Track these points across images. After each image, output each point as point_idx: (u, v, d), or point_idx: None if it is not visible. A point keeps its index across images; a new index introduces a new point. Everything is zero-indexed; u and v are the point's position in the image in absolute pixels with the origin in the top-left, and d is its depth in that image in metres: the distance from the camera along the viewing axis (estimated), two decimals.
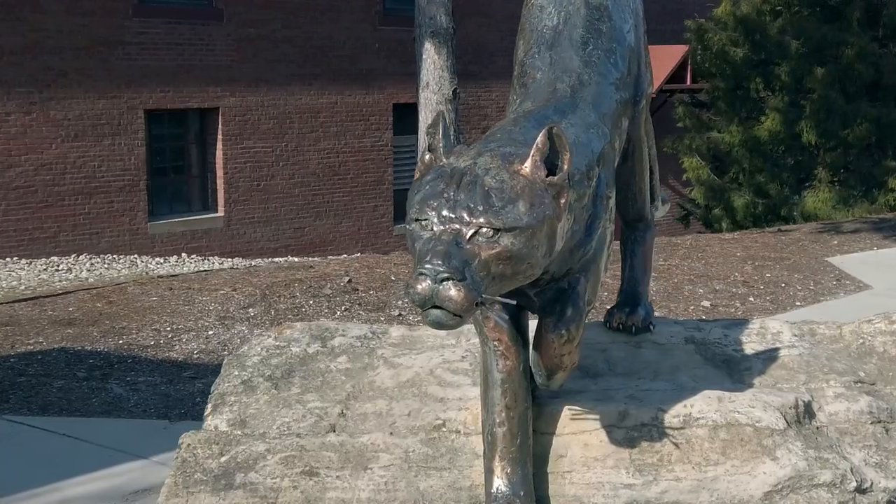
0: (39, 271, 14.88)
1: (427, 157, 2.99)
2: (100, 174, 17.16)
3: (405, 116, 19.48)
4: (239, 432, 3.58)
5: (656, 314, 4.19)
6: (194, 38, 18.03)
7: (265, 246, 18.66)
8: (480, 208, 2.79)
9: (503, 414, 3.35)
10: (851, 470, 3.50)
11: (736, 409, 3.52)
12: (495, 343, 3.32)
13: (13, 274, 14.44)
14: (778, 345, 3.99)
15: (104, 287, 10.39)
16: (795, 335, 4.07)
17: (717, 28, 19.79)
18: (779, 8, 19.77)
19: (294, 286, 9.80)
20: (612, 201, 3.36)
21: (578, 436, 3.49)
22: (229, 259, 16.95)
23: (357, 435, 3.52)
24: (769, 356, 3.92)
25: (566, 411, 3.52)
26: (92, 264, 15.88)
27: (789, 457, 3.44)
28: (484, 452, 3.40)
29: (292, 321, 8.45)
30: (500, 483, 3.35)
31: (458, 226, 2.78)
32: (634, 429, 3.48)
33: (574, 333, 3.22)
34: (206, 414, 3.69)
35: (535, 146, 2.89)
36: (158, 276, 11.43)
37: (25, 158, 16.42)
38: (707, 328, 4.05)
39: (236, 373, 3.81)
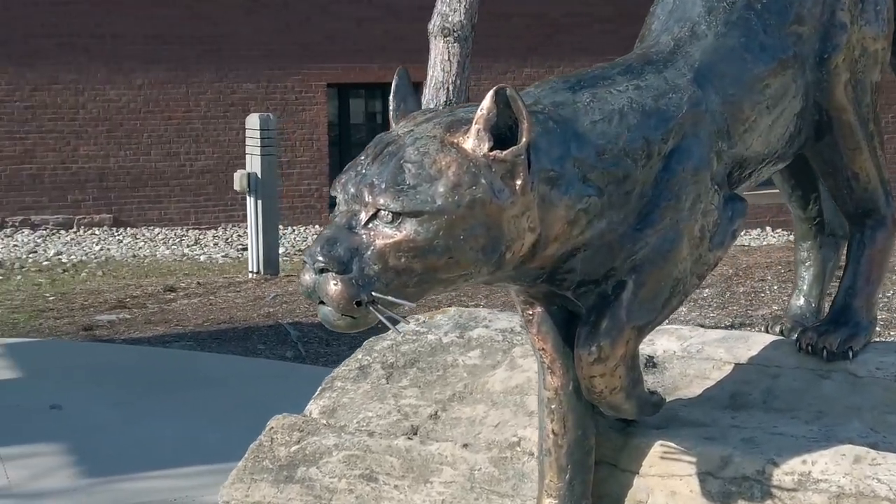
0: None
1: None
2: None
3: None
4: (325, 421, 3.27)
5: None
6: None
7: None
8: (383, 186, 2.27)
9: (549, 440, 2.74)
10: None
11: (876, 474, 2.59)
12: (541, 353, 2.72)
13: None
14: None
15: None
16: None
17: None
18: None
19: (767, 269, 8.92)
20: (703, 186, 2.60)
21: (666, 480, 2.77)
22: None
23: (428, 442, 3.07)
24: None
25: (657, 447, 2.80)
26: None
27: None
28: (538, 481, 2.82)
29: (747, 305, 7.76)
30: None
31: (357, 206, 2.29)
32: (733, 482, 2.69)
33: (608, 352, 2.54)
34: (313, 396, 3.42)
35: (478, 112, 2.29)
36: None
37: None
38: None
39: (360, 356, 3.47)
